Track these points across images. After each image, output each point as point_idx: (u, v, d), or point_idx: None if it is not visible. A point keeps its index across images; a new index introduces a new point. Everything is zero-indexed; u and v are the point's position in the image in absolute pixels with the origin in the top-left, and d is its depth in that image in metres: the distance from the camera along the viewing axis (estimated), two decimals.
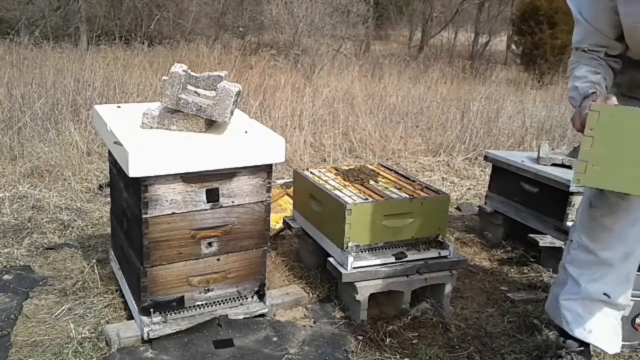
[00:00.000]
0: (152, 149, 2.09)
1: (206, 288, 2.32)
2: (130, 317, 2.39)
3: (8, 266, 2.86)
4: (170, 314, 2.27)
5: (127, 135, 2.18)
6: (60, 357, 2.15)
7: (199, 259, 2.28)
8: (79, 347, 2.20)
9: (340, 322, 2.50)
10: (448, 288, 2.63)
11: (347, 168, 2.98)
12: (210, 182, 2.21)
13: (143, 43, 9.53)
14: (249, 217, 2.33)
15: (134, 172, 2.04)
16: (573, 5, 2.02)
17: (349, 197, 2.56)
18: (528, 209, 3.29)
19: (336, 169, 2.98)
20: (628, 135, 1.61)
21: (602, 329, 2.12)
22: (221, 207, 2.26)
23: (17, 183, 3.95)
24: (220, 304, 2.36)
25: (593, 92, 1.88)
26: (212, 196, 2.23)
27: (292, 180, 3.25)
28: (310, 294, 2.71)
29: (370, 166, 3.05)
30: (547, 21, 11.75)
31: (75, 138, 4.65)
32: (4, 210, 3.48)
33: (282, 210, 3.50)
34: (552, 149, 3.45)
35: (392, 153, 5.34)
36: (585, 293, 2.09)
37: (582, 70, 1.98)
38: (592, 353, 2.20)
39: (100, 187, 3.96)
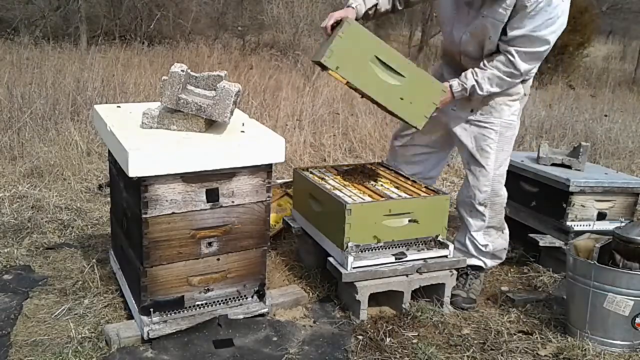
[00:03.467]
0: (152, 149, 2.09)
1: (206, 288, 2.32)
2: (130, 317, 2.39)
3: (8, 266, 2.86)
4: (170, 314, 2.27)
5: (127, 135, 2.18)
6: (60, 357, 2.15)
7: (199, 259, 2.28)
8: (79, 347, 2.20)
9: (340, 322, 2.50)
10: (448, 288, 2.63)
11: (347, 168, 2.98)
12: (210, 182, 2.21)
13: (143, 43, 9.52)
14: (249, 217, 2.33)
15: (134, 172, 2.04)
16: None
17: (349, 196, 2.56)
18: (528, 209, 3.29)
19: (336, 169, 2.98)
20: (361, 46, 2.38)
21: None
22: (221, 207, 2.26)
23: (17, 183, 3.95)
24: (220, 303, 2.36)
25: (355, 6, 2.56)
26: (212, 196, 2.23)
27: (292, 180, 3.25)
28: (310, 294, 2.71)
29: (370, 166, 3.05)
30: None
31: (75, 138, 4.65)
32: (4, 210, 3.48)
33: (282, 210, 3.49)
34: (552, 149, 3.45)
35: None
36: None
37: None
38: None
39: (100, 187, 3.96)
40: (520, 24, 2.41)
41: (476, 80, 2.53)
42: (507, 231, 2.86)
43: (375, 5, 2.64)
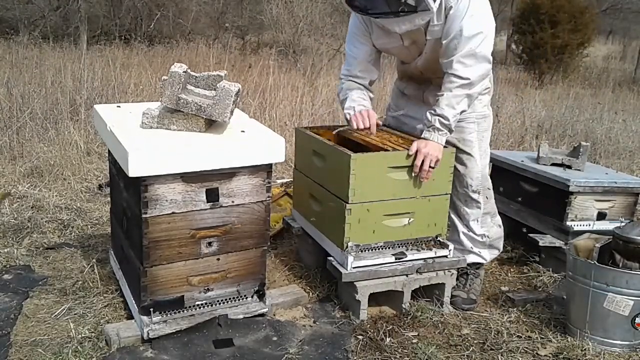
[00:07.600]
0: (152, 149, 2.09)
1: (206, 288, 2.32)
2: (130, 316, 2.39)
3: (8, 266, 2.86)
4: (170, 314, 2.27)
5: (127, 135, 2.18)
6: (60, 357, 2.14)
7: (198, 259, 2.28)
8: (78, 347, 2.20)
9: (340, 322, 2.50)
10: (448, 288, 2.63)
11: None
12: (210, 181, 2.21)
13: (143, 43, 9.52)
14: (248, 216, 2.33)
15: (134, 172, 2.04)
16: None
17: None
18: (528, 208, 3.29)
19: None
20: (373, 169, 2.44)
21: None
22: (221, 206, 2.26)
23: (17, 183, 3.95)
24: (220, 303, 2.36)
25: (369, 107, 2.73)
26: (212, 196, 2.23)
27: (292, 180, 3.25)
28: (310, 293, 2.71)
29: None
30: (549, 20, 11.73)
31: (75, 138, 4.65)
32: (4, 210, 3.48)
33: (282, 210, 3.49)
34: (552, 149, 3.45)
35: None
36: None
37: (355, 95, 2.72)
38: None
39: (100, 186, 3.96)
40: (449, 30, 2.45)
41: (442, 118, 2.50)
42: (499, 217, 2.88)
43: (370, 93, 2.78)
